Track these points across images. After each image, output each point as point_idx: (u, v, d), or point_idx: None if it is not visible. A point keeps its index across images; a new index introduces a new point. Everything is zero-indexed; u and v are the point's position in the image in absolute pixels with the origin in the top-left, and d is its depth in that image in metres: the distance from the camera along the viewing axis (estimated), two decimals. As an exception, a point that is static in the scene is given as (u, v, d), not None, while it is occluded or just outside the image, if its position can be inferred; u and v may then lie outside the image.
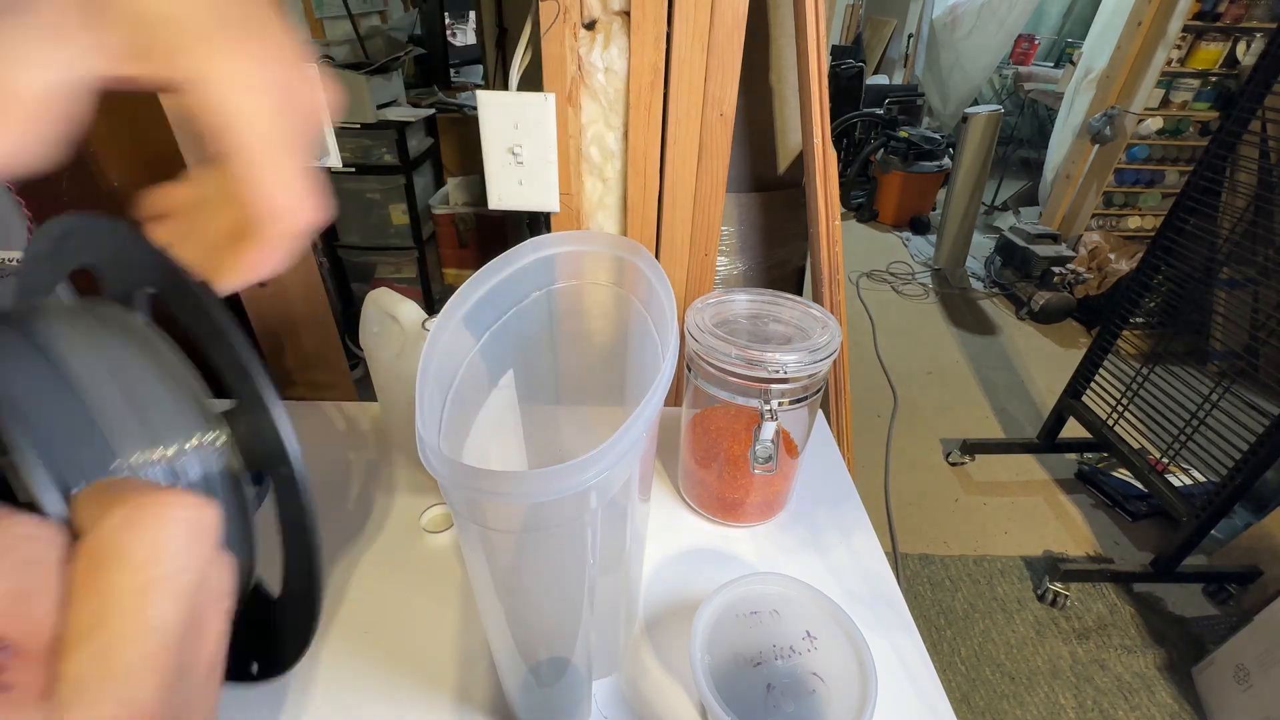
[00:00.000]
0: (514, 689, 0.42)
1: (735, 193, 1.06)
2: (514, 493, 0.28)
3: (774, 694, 0.42)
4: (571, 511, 0.31)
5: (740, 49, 0.63)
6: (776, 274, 1.12)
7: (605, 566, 0.37)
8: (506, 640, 0.38)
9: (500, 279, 0.42)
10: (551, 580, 0.35)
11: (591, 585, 0.36)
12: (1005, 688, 1.29)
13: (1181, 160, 2.66)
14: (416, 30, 2.14)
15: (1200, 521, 1.33)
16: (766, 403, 0.52)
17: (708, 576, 0.57)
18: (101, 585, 0.13)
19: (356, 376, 1.15)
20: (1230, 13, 2.34)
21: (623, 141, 0.68)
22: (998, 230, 3.16)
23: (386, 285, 1.27)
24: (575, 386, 0.57)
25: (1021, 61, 4.28)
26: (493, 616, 0.37)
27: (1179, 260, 1.49)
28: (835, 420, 0.93)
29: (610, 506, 0.34)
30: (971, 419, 2.09)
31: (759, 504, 0.61)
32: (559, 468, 0.27)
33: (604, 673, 0.48)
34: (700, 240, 0.74)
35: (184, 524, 0.14)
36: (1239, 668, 1.18)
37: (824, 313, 0.57)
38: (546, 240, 0.45)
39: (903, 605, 0.55)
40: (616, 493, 0.34)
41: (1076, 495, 1.78)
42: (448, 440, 0.36)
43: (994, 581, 1.51)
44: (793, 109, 1.02)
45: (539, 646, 0.39)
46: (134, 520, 0.13)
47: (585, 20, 0.61)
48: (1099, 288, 2.56)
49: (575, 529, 0.32)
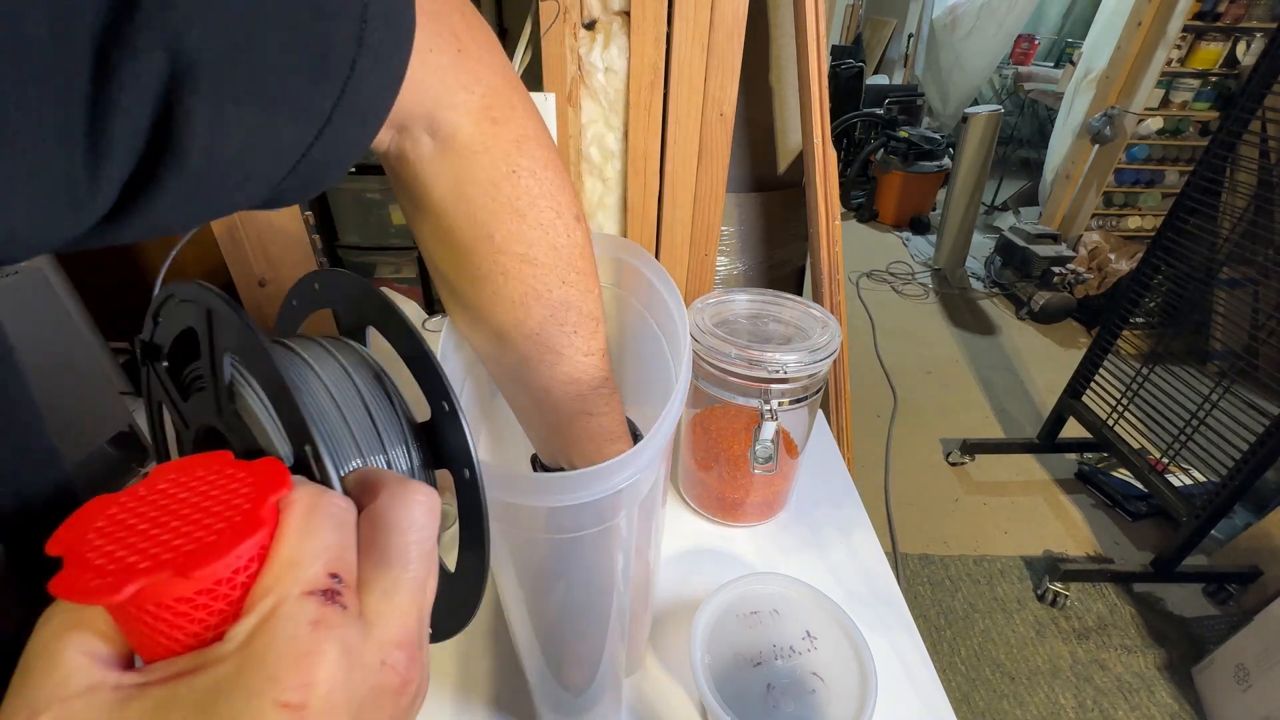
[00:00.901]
0: (542, 694, 0.42)
1: (735, 193, 1.06)
2: (543, 495, 0.29)
3: (774, 694, 0.42)
4: (603, 515, 0.31)
5: (740, 49, 0.63)
6: (776, 274, 1.12)
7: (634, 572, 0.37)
8: (534, 645, 0.38)
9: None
10: (581, 583, 0.35)
11: (622, 588, 0.36)
12: (1005, 688, 1.29)
13: (1181, 160, 2.66)
14: (416, 30, 2.14)
15: (1200, 521, 1.33)
16: (766, 403, 0.52)
17: (708, 576, 0.57)
18: (382, 545, 0.17)
19: (357, 376, 1.15)
20: (1230, 13, 2.34)
21: (623, 141, 0.68)
22: (998, 230, 3.16)
23: (387, 285, 1.28)
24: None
25: (1021, 61, 4.28)
26: (521, 623, 0.37)
27: (1179, 260, 1.49)
28: (835, 420, 0.93)
29: (639, 509, 0.34)
30: (971, 419, 2.09)
31: (759, 504, 0.61)
32: (590, 470, 0.28)
33: (630, 671, 0.48)
34: (700, 240, 0.74)
35: (427, 506, 0.18)
36: (1239, 668, 1.18)
37: (824, 313, 0.57)
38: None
39: (903, 605, 0.55)
40: (645, 496, 0.34)
41: (1076, 495, 1.78)
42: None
43: (994, 581, 1.51)
44: (793, 109, 1.02)
45: (571, 649, 0.39)
46: (398, 497, 0.18)
47: (585, 20, 0.61)
48: (1099, 288, 2.56)
49: (606, 533, 0.32)
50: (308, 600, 0.14)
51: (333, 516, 0.16)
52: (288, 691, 0.13)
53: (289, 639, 0.14)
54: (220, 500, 0.15)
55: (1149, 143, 2.62)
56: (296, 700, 0.13)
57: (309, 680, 0.13)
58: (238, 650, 0.14)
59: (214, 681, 0.13)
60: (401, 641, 0.16)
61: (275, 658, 0.13)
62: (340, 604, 0.15)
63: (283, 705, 0.13)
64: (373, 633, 0.16)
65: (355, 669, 0.15)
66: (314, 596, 0.15)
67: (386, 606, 0.16)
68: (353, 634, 0.15)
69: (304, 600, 0.14)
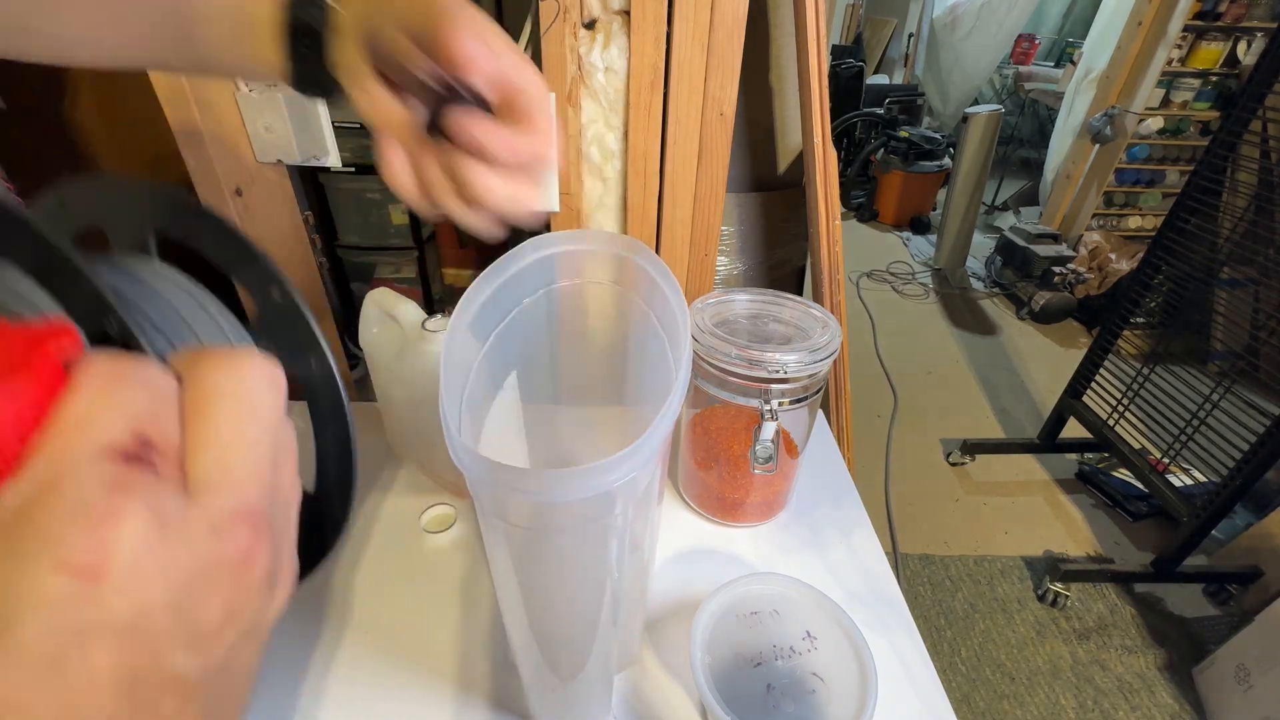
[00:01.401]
0: (535, 687, 0.42)
1: (735, 193, 1.06)
2: (541, 490, 0.29)
3: (774, 694, 0.42)
4: (598, 511, 0.31)
5: (740, 49, 0.63)
6: (776, 274, 1.12)
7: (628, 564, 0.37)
8: (528, 636, 0.38)
9: (502, 281, 0.42)
10: (576, 577, 0.36)
11: (615, 582, 0.36)
12: (1005, 688, 1.29)
13: (1182, 160, 2.66)
14: (417, 30, 2.14)
15: (1201, 521, 1.33)
16: (767, 403, 0.52)
17: (708, 576, 0.57)
18: (208, 412, 0.15)
19: (356, 376, 1.15)
20: (1231, 12, 2.34)
21: (623, 141, 0.68)
22: (998, 230, 3.16)
23: (386, 285, 1.28)
24: (575, 387, 0.57)
25: (1022, 61, 4.28)
26: (515, 615, 0.37)
27: (1180, 260, 1.49)
28: (835, 420, 0.93)
29: (634, 506, 0.34)
30: (972, 419, 2.09)
31: (759, 504, 0.61)
32: (587, 467, 0.28)
33: (622, 666, 0.48)
34: (700, 240, 0.74)
35: (264, 375, 0.16)
36: (1239, 668, 1.18)
37: (824, 312, 0.57)
38: (546, 240, 0.45)
39: (903, 605, 0.55)
40: (640, 494, 0.34)
41: (1077, 495, 1.78)
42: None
43: (994, 582, 1.51)
44: (793, 109, 1.02)
45: (563, 641, 0.40)
46: (227, 366, 0.16)
47: (585, 20, 0.61)
48: (1099, 288, 2.56)
49: (600, 528, 0.33)
50: (103, 461, 0.12)
51: (140, 379, 0.14)
52: (75, 553, 0.11)
53: (77, 501, 0.12)
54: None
55: (1149, 142, 2.62)
56: (86, 560, 0.11)
57: (104, 541, 0.12)
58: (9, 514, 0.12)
59: None
60: (238, 512, 0.14)
61: (57, 520, 0.12)
62: (149, 469, 0.13)
63: (66, 566, 0.11)
64: (198, 500, 0.14)
65: (172, 535, 0.13)
66: (112, 457, 0.13)
67: (217, 474, 0.14)
68: (167, 499, 0.13)
69: (98, 460, 0.12)
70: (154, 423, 0.14)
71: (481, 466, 0.28)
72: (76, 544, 0.11)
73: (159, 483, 0.13)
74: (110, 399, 0.13)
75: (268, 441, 0.16)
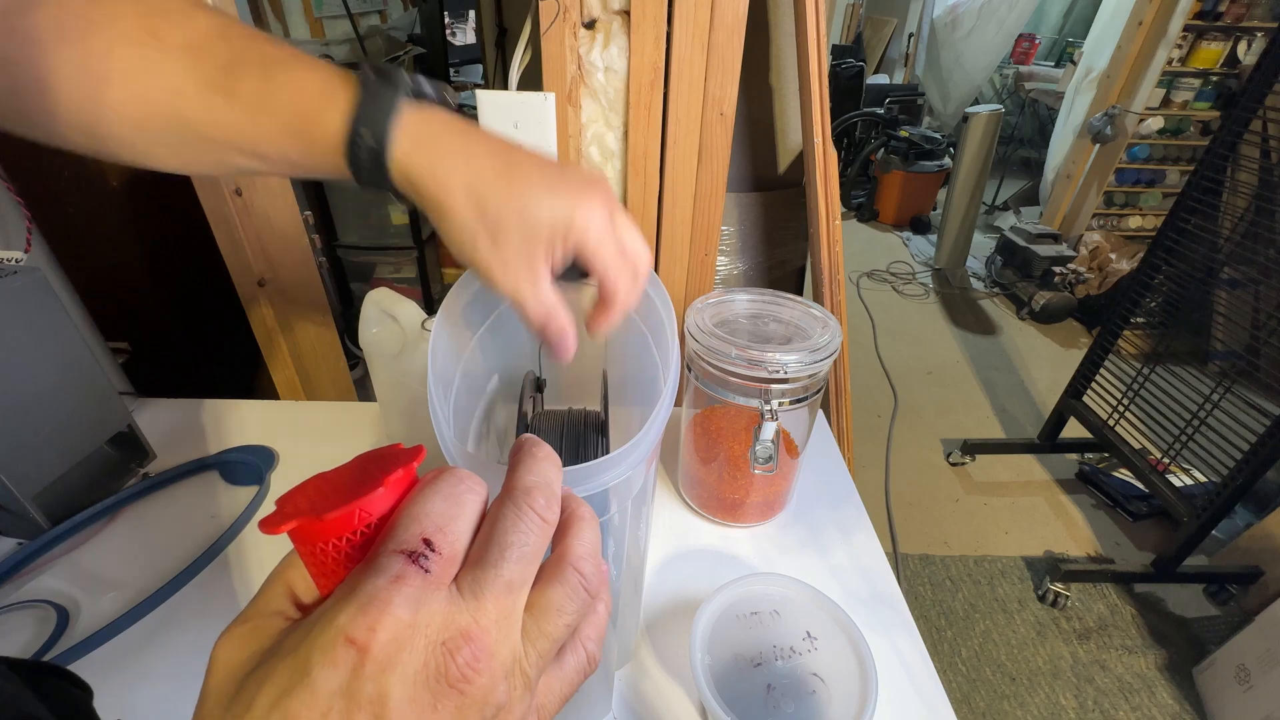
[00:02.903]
0: None
1: (735, 193, 1.05)
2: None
3: (774, 694, 0.42)
4: (596, 510, 0.31)
5: (740, 49, 0.63)
6: (776, 274, 1.12)
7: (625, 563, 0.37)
8: None
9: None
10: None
11: (613, 581, 0.36)
12: (1006, 688, 1.29)
13: (1182, 160, 2.66)
14: (416, 30, 2.14)
15: (1201, 522, 1.33)
16: (767, 403, 0.52)
17: (708, 577, 0.56)
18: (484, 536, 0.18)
19: (356, 376, 1.15)
20: (1231, 12, 2.34)
21: (623, 141, 0.68)
22: (998, 230, 3.16)
23: (386, 285, 1.27)
24: (559, 389, 0.57)
25: (1022, 61, 4.28)
26: None
27: (1180, 260, 1.49)
28: (835, 420, 0.93)
29: (629, 507, 0.34)
30: (972, 419, 2.09)
31: (759, 504, 0.61)
32: (585, 466, 0.28)
33: (620, 663, 0.48)
34: (700, 240, 0.74)
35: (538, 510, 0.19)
36: (1240, 668, 1.18)
37: (824, 313, 0.57)
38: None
39: (903, 605, 0.55)
40: (635, 493, 0.34)
41: (1077, 495, 1.78)
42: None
43: (994, 582, 1.51)
44: (793, 109, 1.02)
45: None
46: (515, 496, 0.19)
47: (585, 20, 0.61)
48: (1100, 288, 2.56)
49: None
50: (395, 556, 0.16)
51: (443, 490, 0.18)
52: (356, 630, 0.14)
53: (370, 585, 0.15)
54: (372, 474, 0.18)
55: (1150, 142, 2.62)
56: (360, 640, 0.14)
57: (374, 624, 0.14)
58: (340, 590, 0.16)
59: (321, 612, 0.15)
60: (469, 633, 0.16)
61: (355, 599, 0.15)
62: (423, 567, 0.16)
63: (349, 640, 0.14)
64: (451, 610, 0.16)
65: (420, 635, 0.15)
66: (401, 554, 0.16)
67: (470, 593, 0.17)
68: (431, 600, 0.16)
69: (393, 556, 0.16)
70: (443, 528, 0.17)
71: (474, 467, 0.28)
72: (358, 621, 0.14)
73: (426, 582, 0.16)
74: (414, 507, 0.17)
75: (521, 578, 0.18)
